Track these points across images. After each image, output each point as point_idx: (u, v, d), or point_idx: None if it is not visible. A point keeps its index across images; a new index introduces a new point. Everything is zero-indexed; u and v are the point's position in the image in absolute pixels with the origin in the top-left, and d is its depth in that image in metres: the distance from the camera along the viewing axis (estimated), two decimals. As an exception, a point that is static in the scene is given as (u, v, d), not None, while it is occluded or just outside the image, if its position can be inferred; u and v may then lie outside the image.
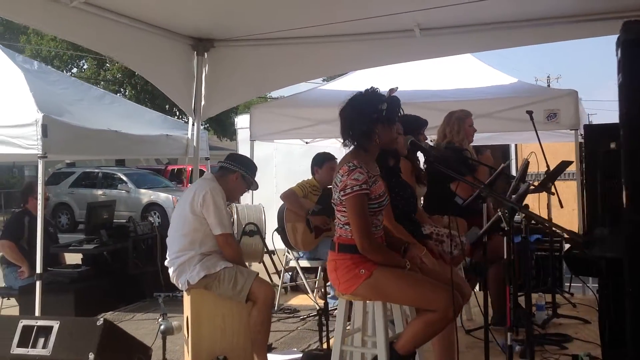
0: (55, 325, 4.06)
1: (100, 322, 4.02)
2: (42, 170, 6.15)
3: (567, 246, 7.74)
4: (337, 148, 9.35)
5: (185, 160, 8.57)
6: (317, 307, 6.51)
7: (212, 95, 8.41)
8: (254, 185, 5.04)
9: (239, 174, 4.86)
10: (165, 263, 4.81)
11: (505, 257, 3.65)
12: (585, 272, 6.59)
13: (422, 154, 4.29)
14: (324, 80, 28.66)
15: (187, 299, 4.76)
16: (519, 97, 7.36)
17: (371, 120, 3.58)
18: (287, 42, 8.01)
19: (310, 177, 6.88)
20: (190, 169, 22.90)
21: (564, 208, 6.77)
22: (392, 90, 3.69)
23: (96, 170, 21.42)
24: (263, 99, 27.42)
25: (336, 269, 3.59)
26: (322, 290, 7.10)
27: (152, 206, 19.23)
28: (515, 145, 11.90)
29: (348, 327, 5.89)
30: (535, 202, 6.50)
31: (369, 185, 3.52)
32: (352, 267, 3.52)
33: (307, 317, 6.34)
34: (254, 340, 4.59)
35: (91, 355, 3.89)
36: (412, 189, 4.46)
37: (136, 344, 4.31)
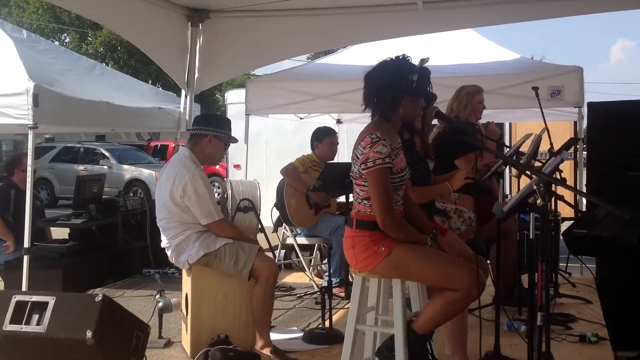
0: (51, 301, 3.83)
1: (99, 298, 3.79)
2: (32, 141, 5.91)
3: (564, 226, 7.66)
4: (331, 125, 9.25)
5: (177, 135, 8.32)
6: (315, 285, 6.36)
7: (206, 68, 8.22)
8: (231, 140, 4.70)
9: (210, 136, 4.54)
10: (162, 245, 4.58)
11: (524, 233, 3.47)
12: (585, 252, 6.51)
13: (447, 124, 4.06)
14: (308, 59, 28.51)
15: (186, 277, 4.58)
16: (523, 74, 7.22)
17: (399, 91, 3.37)
18: (285, 14, 7.81)
19: (304, 153, 6.68)
20: (173, 145, 22.84)
21: (558, 187, 6.62)
22: (423, 61, 3.48)
23: (77, 145, 21.05)
24: (246, 76, 27.16)
25: (354, 246, 3.41)
26: (318, 268, 6.96)
27: (135, 182, 18.93)
28: (510, 124, 11.78)
29: (347, 307, 5.80)
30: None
31: (392, 158, 3.34)
32: (370, 245, 3.35)
33: (304, 295, 6.16)
34: (257, 318, 4.41)
35: (89, 333, 3.67)
36: (426, 163, 4.29)
37: (135, 321, 4.09)
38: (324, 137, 6.43)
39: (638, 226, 5.78)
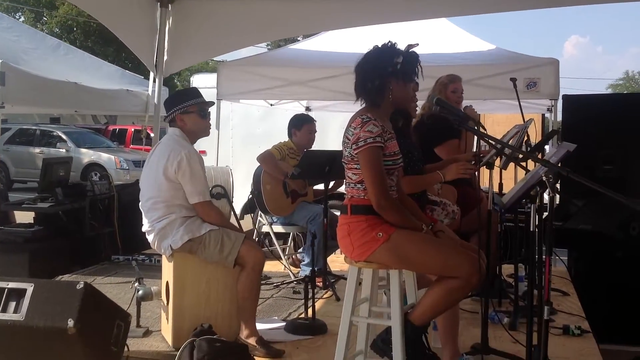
0: (29, 287, 3.67)
1: (80, 285, 3.64)
2: (-2, 121, 5.69)
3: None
4: (300, 112, 9.14)
5: (145, 119, 8.11)
6: (292, 275, 6.27)
7: (176, 51, 8.03)
8: (203, 105, 4.45)
9: (177, 115, 4.36)
10: (143, 229, 4.42)
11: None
12: (560, 244, 6.56)
13: (449, 114, 3.97)
14: (268, 46, 28.29)
15: (167, 264, 4.42)
16: (499, 64, 7.21)
17: (385, 74, 3.33)
18: (258, -2, 7.67)
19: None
20: (132, 129, 22.45)
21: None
22: (410, 46, 3.42)
23: (33, 127, 20.51)
24: (205, 63, 26.91)
25: (350, 233, 3.31)
26: (293, 257, 6.86)
27: (93, 167, 18.53)
28: (479, 115, 11.78)
29: (323, 296, 5.72)
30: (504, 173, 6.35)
31: (384, 139, 3.27)
32: (367, 230, 3.25)
33: (281, 284, 6.05)
34: (242, 307, 4.27)
35: (70, 322, 3.52)
36: (419, 152, 4.23)
37: (116, 310, 3.94)
38: (303, 125, 6.32)
39: (614, 218, 5.88)
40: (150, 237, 4.35)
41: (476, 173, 5.71)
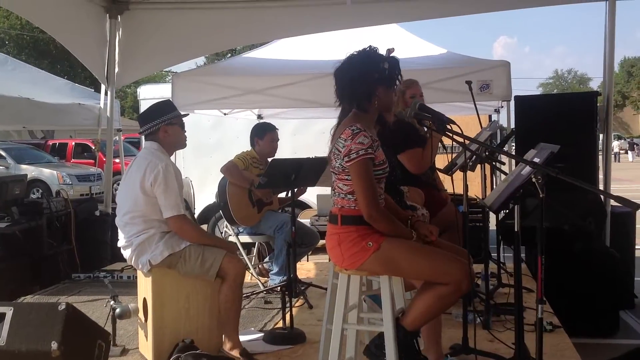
0: (9, 311, 3.58)
1: (62, 306, 3.57)
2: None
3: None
4: (251, 121, 9.12)
5: (98, 133, 7.95)
6: (261, 285, 6.24)
7: (127, 62, 7.95)
8: (183, 122, 4.46)
9: (163, 126, 4.33)
10: (119, 244, 4.34)
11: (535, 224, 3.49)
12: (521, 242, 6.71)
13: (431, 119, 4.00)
14: (206, 59, 28.07)
15: (144, 280, 4.34)
16: (452, 68, 7.31)
17: (373, 80, 3.35)
18: (209, 7, 7.71)
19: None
20: (73, 143, 22.00)
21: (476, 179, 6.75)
22: (389, 51, 3.48)
23: (-31, 145, 19.88)
24: (158, 75, 26.75)
25: (340, 244, 3.33)
26: (260, 267, 6.83)
27: (35, 183, 18.05)
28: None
29: (294, 304, 5.69)
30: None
31: (374, 149, 3.30)
32: (358, 240, 3.28)
33: (251, 294, 6.01)
34: (225, 318, 4.25)
35: (54, 344, 3.45)
36: (396, 158, 4.26)
37: (97, 330, 3.88)
38: (265, 134, 6.30)
39: (572, 213, 6.05)
40: (126, 253, 4.27)
41: (438, 174, 5.85)
